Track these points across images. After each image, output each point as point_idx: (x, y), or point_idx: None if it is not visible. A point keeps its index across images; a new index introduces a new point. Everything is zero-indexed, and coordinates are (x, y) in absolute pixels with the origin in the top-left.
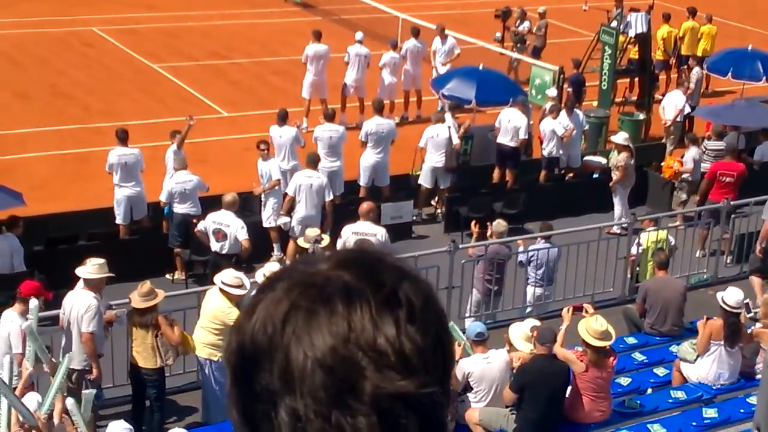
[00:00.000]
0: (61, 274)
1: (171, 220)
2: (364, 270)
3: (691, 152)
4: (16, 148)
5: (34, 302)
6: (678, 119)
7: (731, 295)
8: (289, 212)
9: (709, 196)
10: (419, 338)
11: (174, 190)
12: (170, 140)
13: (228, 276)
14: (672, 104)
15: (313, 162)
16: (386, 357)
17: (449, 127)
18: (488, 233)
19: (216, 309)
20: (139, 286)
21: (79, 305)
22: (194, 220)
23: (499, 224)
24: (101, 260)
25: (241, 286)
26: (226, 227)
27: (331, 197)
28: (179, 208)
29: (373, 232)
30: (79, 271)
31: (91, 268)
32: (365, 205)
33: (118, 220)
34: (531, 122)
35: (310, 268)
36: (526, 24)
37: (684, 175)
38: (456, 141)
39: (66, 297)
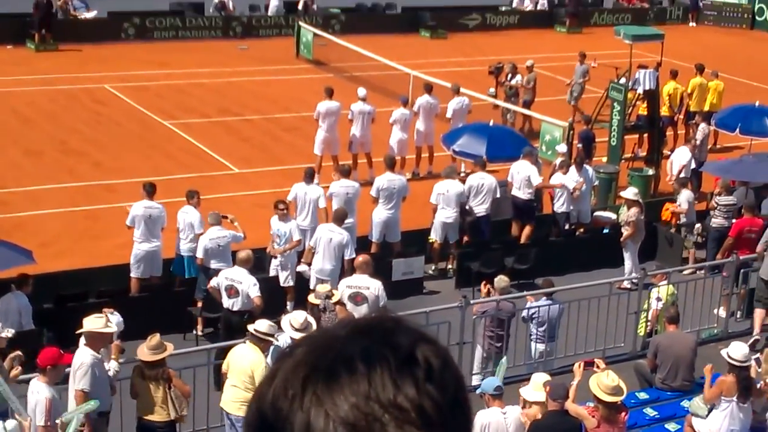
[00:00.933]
0: (71, 332)
1: (202, 274)
2: (381, 333)
3: (684, 195)
4: (27, 205)
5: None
6: (682, 174)
7: (737, 350)
8: (309, 263)
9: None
10: (438, 396)
11: (208, 247)
12: (187, 201)
13: (263, 325)
14: (678, 161)
15: (340, 219)
16: (407, 413)
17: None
18: (485, 291)
19: (252, 363)
20: (147, 339)
21: (74, 361)
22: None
23: (501, 280)
24: (99, 314)
25: (274, 336)
26: (238, 284)
27: (353, 255)
28: (214, 264)
29: (367, 285)
30: (85, 322)
31: (86, 322)
32: (360, 258)
33: (134, 274)
34: (541, 174)
35: (329, 334)
36: (518, 78)
37: (681, 218)
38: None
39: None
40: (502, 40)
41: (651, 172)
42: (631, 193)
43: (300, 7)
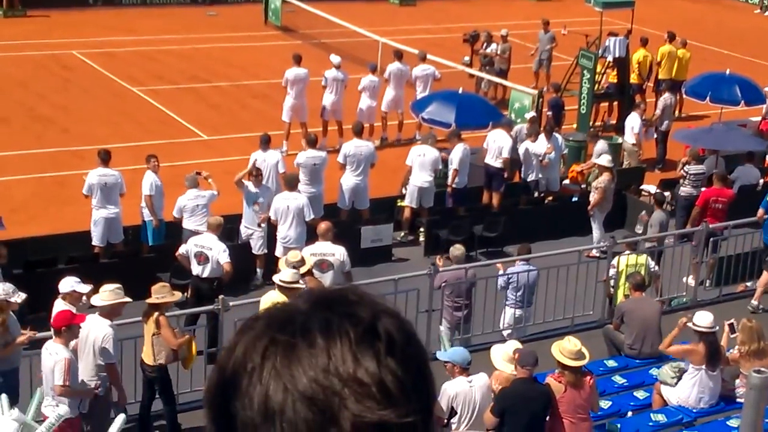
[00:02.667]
0: (41, 298)
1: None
2: (342, 306)
3: (599, 146)
4: None
5: None
6: (634, 141)
7: (702, 318)
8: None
9: (700, 222)
10: (399, 371)
11: (184, 205)
12: (146, 164)
13: (286, 275)
14: (629, 126)
15: (291, 184)
16: (367, 387)
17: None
18: (440, 261)
19: None
20: (158, 285)
21: (95, 332)
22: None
23: (456, 248)
24: (114, 285)
25: (299, 282)
26: (208, 250)
27: (312, 216)
28: (189, 224)
29: (332, 252)
30: (94, 300)
31: (103, 294)
32: (323, 225)
33: (95, 242)
34: (516, 145)
35: (289, 307)
36: (493, 46)
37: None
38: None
39: (85, 321)
40: (471, 8)
41: (620, 140)
42: (604, 159)
43: None
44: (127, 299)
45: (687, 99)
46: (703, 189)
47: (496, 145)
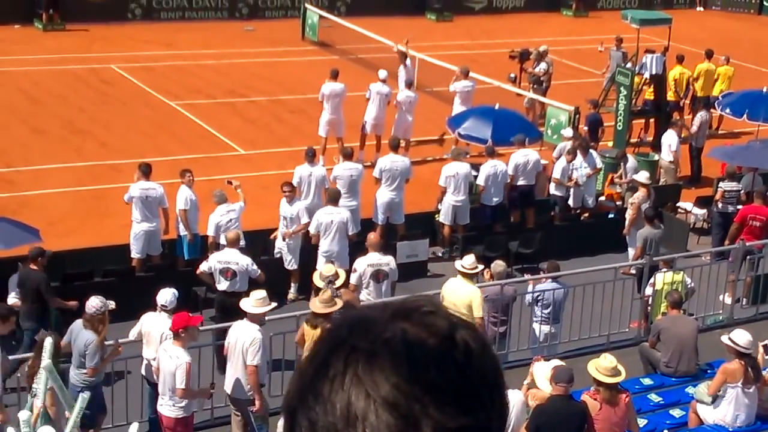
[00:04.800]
0: (78, 310)
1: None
2: (420, 316)
3: (630, 163)
4: (33, 184)
5: (48, 340)
6: (671, 158)
7: (740, 336)
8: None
9: (737, 240)
10: (477, 379)
11: (219, 222)
12: (180, 179)
13: (468, 261)
14: (666, 144)
15: (334, 199)
16: (447, 395)
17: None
18: (487, 276)
19: (468, 294)
20: (321, 294)
21: (244, 338)
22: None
23: (498, 264)
24: (263, 293)
25: (476, 267)
26: (234, 265)
27: (354, 231)
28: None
29: (386, 262)
30: (244, 304)
31: (255, 302)
32: (372, 236)
33: (134, 254)
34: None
35: (368, 316)
36: (543, 65)
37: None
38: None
39: (231, 328)
40: (507, 23)
41: (657, 157)
42: (642, 176)
43: None
44: (274, 305)
45: (724, 116)
46: (738, 206)
47: (523, 162)
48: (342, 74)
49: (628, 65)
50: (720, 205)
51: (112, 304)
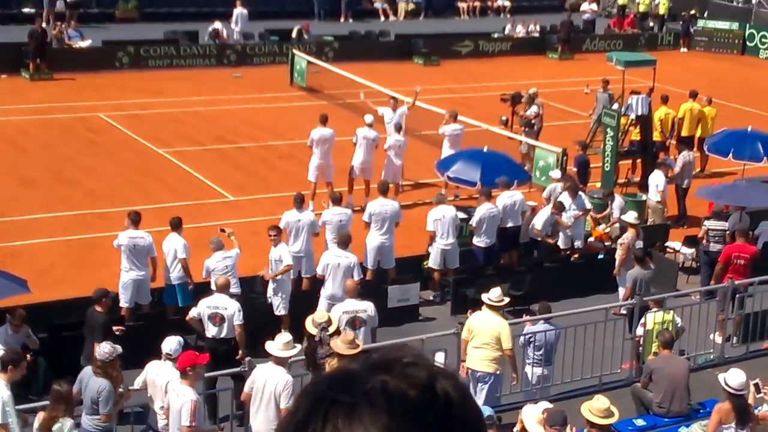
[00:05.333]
0: (66, 361)
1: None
2: (400, 368)
3: (616, 202)
4: (21, 235)
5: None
6: (659, 198)
7: (733, 377)
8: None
9: (723, 279)
10: (458, 429)
11: (213, 268)
12: (175, 229)
13: (494, 294)
14: (653, 184)
15: (345, 243)
16: None
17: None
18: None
19: (496, 325)
20: (343, 335)
21: (275, 381)
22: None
23: None
24: (289, 337)
25: (503, 301)
26: (223, 310)
27: (360, 277)
28: None
29: (363, 308)
30: (270, 347)
31: (282, 345)
32: (350, 283)
33: (122, 304)
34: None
35: (348, 370)
36: (534, 108)
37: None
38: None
39: (258, 370)
40: (494, 67)
41: (644, 197)
42: (631, 217)
43: (294, 35)
44: (299, 347)
45: (710, 156)
46: (725, 245)
47: (509, 204)
48: (331, 119)
49: (615, 106)
50: (705, 243)
51: (120, 349)
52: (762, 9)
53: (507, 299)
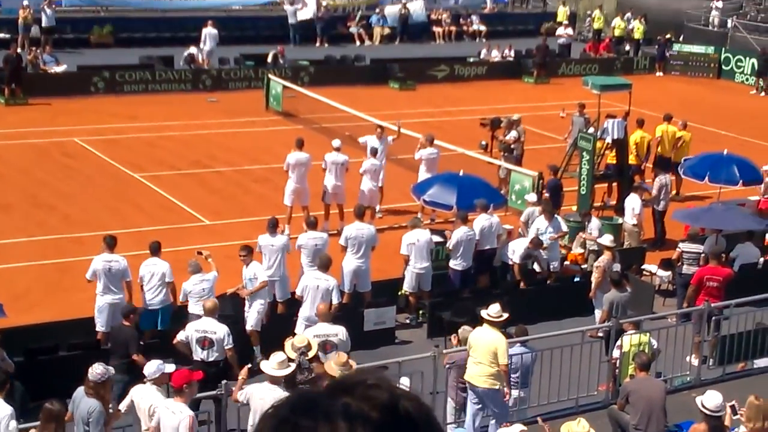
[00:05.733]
0: (42, 386)
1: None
2: (362, 390)
3: (594, 223)
4: None
5: None
6: (635, 221)
7: (710, 399)
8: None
9: (696, 302)
10: None
11: (192, 291)
12: (154, 254)
13: (493, 310)
14: (630, 207)
15: (325, 266)
16: None
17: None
18: (455, 341)
19: (493, 341)
20: (337, 357)
21: (271, 400)
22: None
23: (465, 330)
24: (284, 356)
25: (502, 317)
26: (212, 334)
27: (338, 301)
28: (195, 309)
29: (334, 332)
30: (265, 367)
31: (276, 365)
32: (322, 307)
33: (98, 328)
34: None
35: (311, 393)
36: (513, 133)
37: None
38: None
39: (253, 389)
40: (470, 91)
41: (620, 220)
42: (607, 240)
43: (269, 59)
44: (294, 366)
45: (685, 179)
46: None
47: (491, 224)
48: (307, 143)
49: (590, 130)
50: (681, 266)
51: (113, 371)
52: (737, 33)
53: (506, 315)
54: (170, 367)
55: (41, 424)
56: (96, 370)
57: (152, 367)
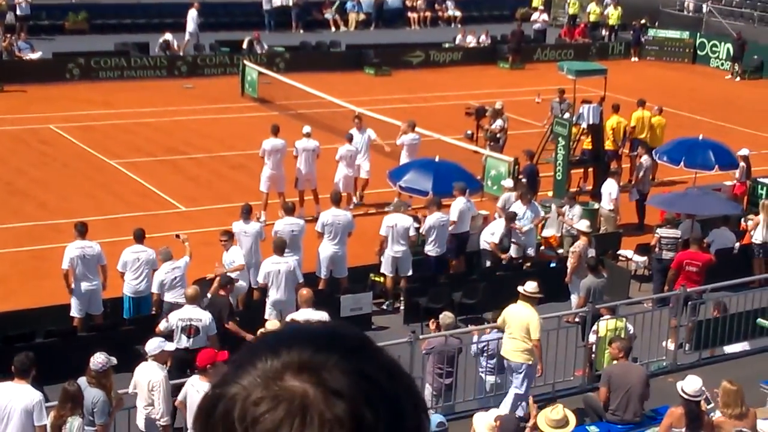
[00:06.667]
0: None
1: (162, 308)
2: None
3: (576, 209)
4: None
5: None
6: (612, 207)
7: (690, 384)
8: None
9: (676, 286)
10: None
11: (164, 280)
12: (139, 241)
13: (530, 286)
14: (607, 192)
15: (280, 248)
16: (340, 423)
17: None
18: (433, 327)
19: (527, 317)
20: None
21: None
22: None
23: (446, 316)
24: None
25: (538, 293)
26: (198, 322)
27: (302, 279)
28: (169, 297)
29: (318, 318)
30: None
31: None
32: (305, 292)
33: (74, 313)
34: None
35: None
36: (499, 122)
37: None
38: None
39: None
40: (445, 77)
41: (596, 206)
42: (583, 225)
43: (245, 45)
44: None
45: (661, 164)
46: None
47: (467, 207)
48: (282, 130)
49: (566, 115)
50: (658, 251)
51: (114, 361)
52: (713, 18)
53: (540, 294)
54: (170, 346)
55: (59, 405)
56: (97, 359)
57: (153, 344)
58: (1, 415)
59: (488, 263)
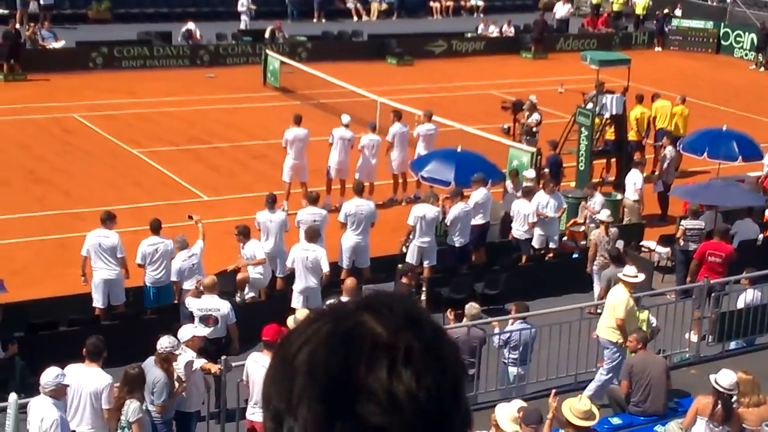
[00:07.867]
0: (43, 360)
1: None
2: (372, 312)
3: (597, 198)
4: None
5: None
6: (637, 197)
7: (725, 377)
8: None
9: (698, 277)
10: (413, 381)
11: (181, 268)
12: (157, 232)
13: (630, 270)
14: (631, 183)
15: (312, 237)
16: (375, 395)
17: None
18: (452, 317)
19: (623, 299)
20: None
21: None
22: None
23: (472, 307)
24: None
25: (637, 276)
26: (216, 311)
27: (327, 270)
28: (188, 285)
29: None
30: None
31: None
32: (349, 282)
33: (96, 304)
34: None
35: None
36: (536, 116)
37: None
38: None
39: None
40: (468, 66)
41: (619, 196)
42: (604, 215)
43: (267, 35)
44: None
45: (684, 155)
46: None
47: (481, 203)
48: (305, 119)
49: (589, 105)
50: (682, 243)
51: (181, 344)
52: (737, 8)
53: (641, 276)
54: (202, 331)
55: (120, 386)
56: (163, 342)
57: (186, 330)
58: (71, 396)
59: (527, 252)
